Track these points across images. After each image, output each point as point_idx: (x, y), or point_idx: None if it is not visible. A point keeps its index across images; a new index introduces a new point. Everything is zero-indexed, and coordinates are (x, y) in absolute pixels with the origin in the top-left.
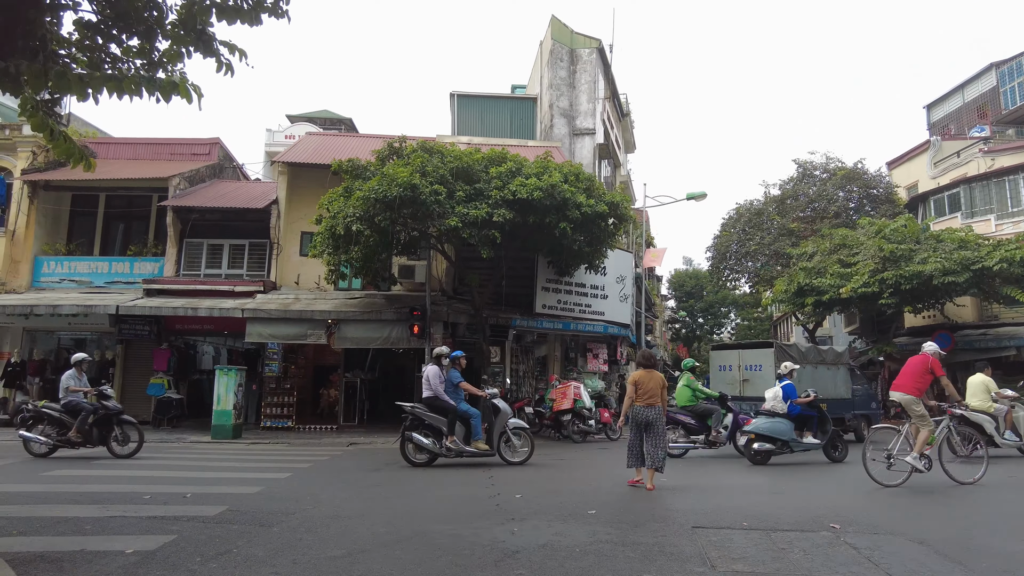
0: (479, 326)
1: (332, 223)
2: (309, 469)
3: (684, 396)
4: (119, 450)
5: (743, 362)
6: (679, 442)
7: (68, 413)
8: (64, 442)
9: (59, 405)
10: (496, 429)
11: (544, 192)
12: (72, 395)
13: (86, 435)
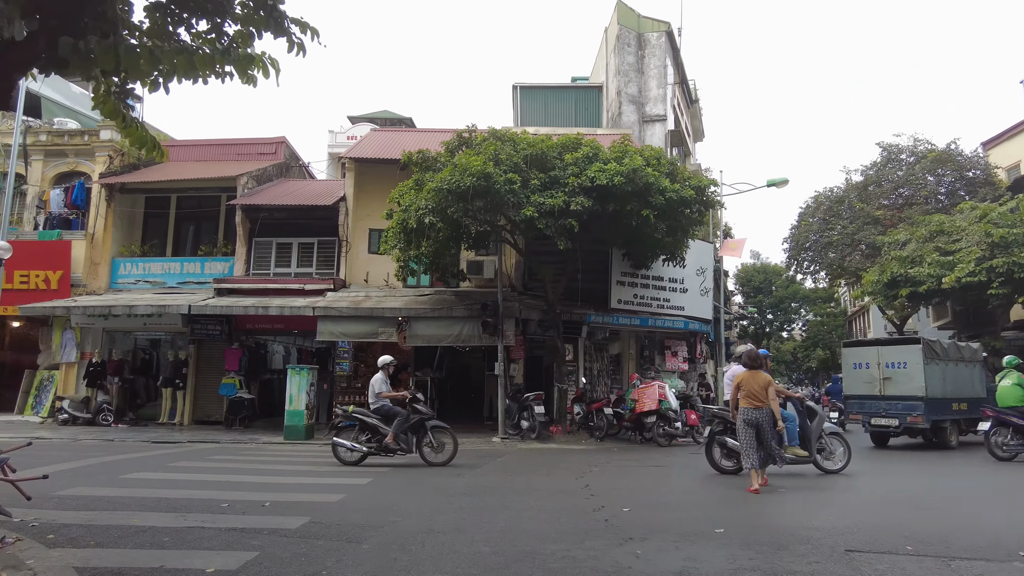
0: (552, 322)
1: (403, 216)
2: (389, 474)
3: (1015, 396)
4: (432, 457)
5: (883, 359)
6: (1010, 444)
7: (382, 419)
8: (379, 449)
9: (370, 410)
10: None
11: (625, 177)
12: (382, 400)
13: (402, 442)
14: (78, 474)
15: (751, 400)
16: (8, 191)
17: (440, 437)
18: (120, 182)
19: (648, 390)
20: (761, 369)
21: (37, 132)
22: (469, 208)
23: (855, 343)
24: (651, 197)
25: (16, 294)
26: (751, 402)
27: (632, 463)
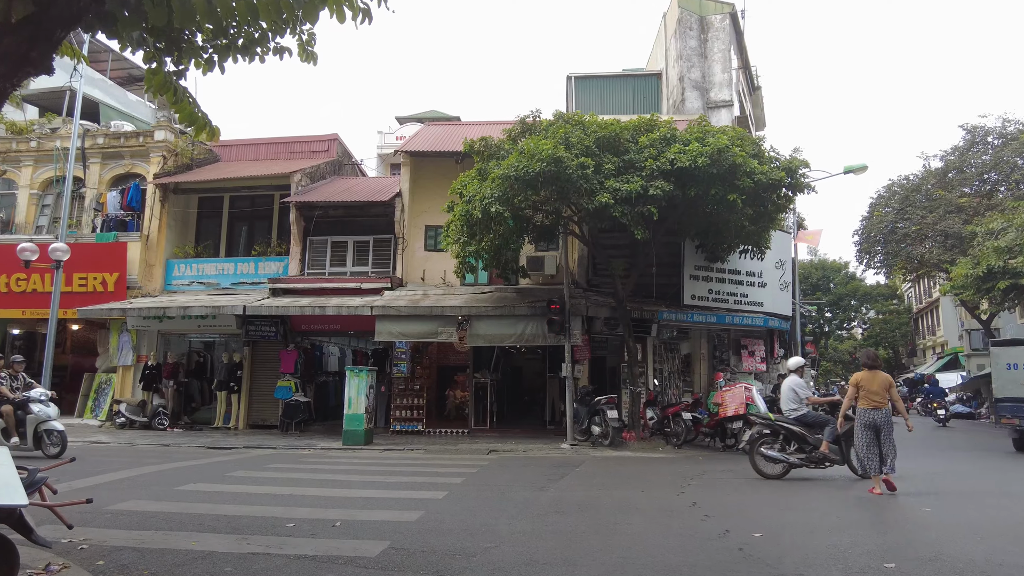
0: (622, 320)
1: (467, 208)
2: (464, 485)
3: None
4: None
5: None
6: None
7: (808, 427)
8: (810, 460)
9: (792, 418)
10: None
11: (710, 158)
12: (805, 407)
13: (835, 452)
14: (133, 484)
15: (871, 400)
16: (66, 194)
17: None
18: (174, 182)
19: (733, 393)
20: (879, 369)
21: (95, 135)
22: (538, 196)
23: (1007, 342)
24: (737, 180)
25: (75, 296)
26: (871, 402)
27: (727, 474)
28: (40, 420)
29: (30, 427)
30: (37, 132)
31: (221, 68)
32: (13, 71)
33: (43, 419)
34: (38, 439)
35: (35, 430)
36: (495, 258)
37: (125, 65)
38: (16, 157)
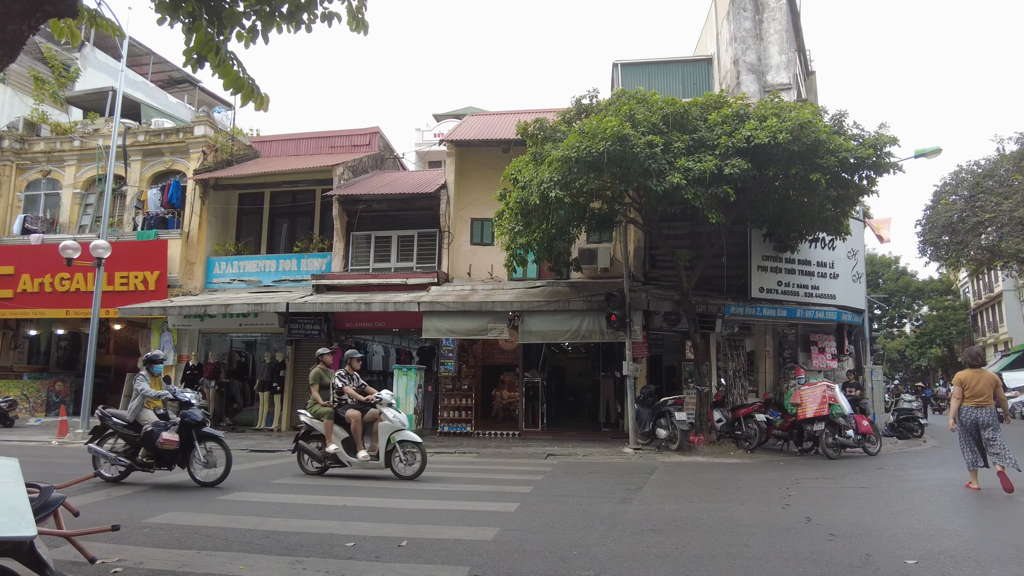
0: (687, 314)
1: (523, 194)
2: (535, 495)
3: None
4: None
5: None
6: None
7: None
8: None
9: None
10: (380, 439)
11: (792, 134)
12: None
13: None
14: (173, 493)
15: (976, 399)
16: (107, 191)
17: None
18: (214, 178)
19: (813, 392)
20: (984, 367)
21: (135, 133)
22: (599, 181)
23: None
24: (820, 158)
25: (116, 296)
26: (976, 401)
27: (823, 482)
28: (395, 429)
29: (382, 437)
30: (80, 131)
31: (265, 38)
32: (31, 10)
33: (398, 427)
34: (389, 454)
35: (387, 441)
36: (547, 250)
37: (166, 68)
38: (60, 157)
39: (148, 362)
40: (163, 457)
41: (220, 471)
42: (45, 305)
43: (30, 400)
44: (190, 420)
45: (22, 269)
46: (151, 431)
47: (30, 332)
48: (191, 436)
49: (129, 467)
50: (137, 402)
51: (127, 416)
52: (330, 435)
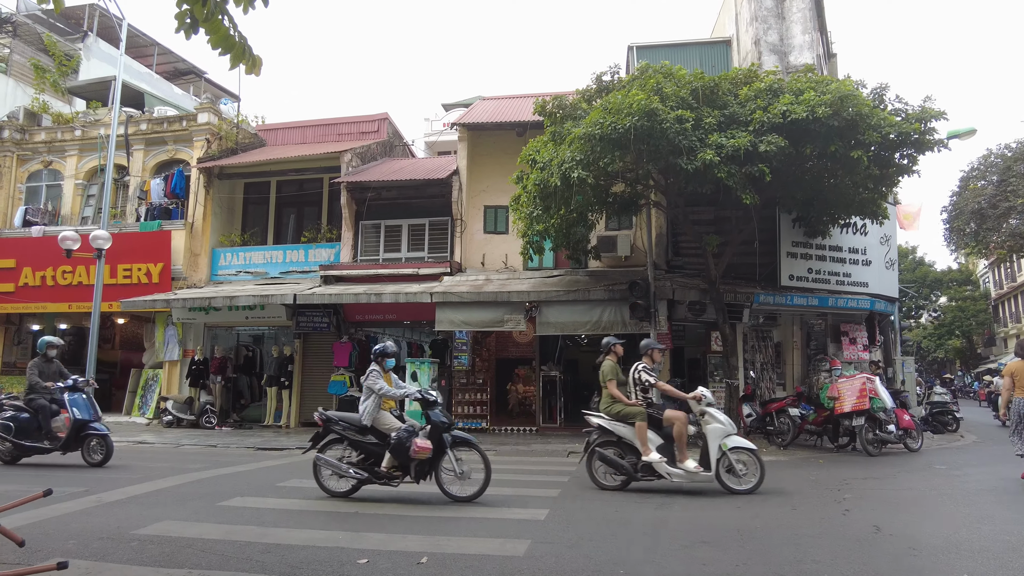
0: (715, 303)
1: (542, 176)
2: (563, 499)
3: None
4: None
5: None
6: None
7: None
8: None
9: None
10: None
11: (831, 107)
12: None
13: None
14: (170, 497)
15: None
16: (107, 179)
17: None
18: (218, 166)
19: (851, 384)
20: None
21: (138, 121)
22: (624, 161)
23: None
24: (861, 134)
25: (119, 289)
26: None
27: (874, 482)
28: (726, 433)
29: (712, 444)
30: (81, 121)
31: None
32: None
33: (729, 432)
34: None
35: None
36: (565, 237)
37: (171, 59)
38: (61, 147)
39: (379, 355)
40: (410, 467)
41: (477, 484)
42: (47, 299)
43: None
44: (438, 423)
45: (23, 262)
46: (401, 437)
47: (32, 327)
48: (441, 441)
49: (363, 480)
50: (373, 402)
51: (360, 419)
52: (646, 441)
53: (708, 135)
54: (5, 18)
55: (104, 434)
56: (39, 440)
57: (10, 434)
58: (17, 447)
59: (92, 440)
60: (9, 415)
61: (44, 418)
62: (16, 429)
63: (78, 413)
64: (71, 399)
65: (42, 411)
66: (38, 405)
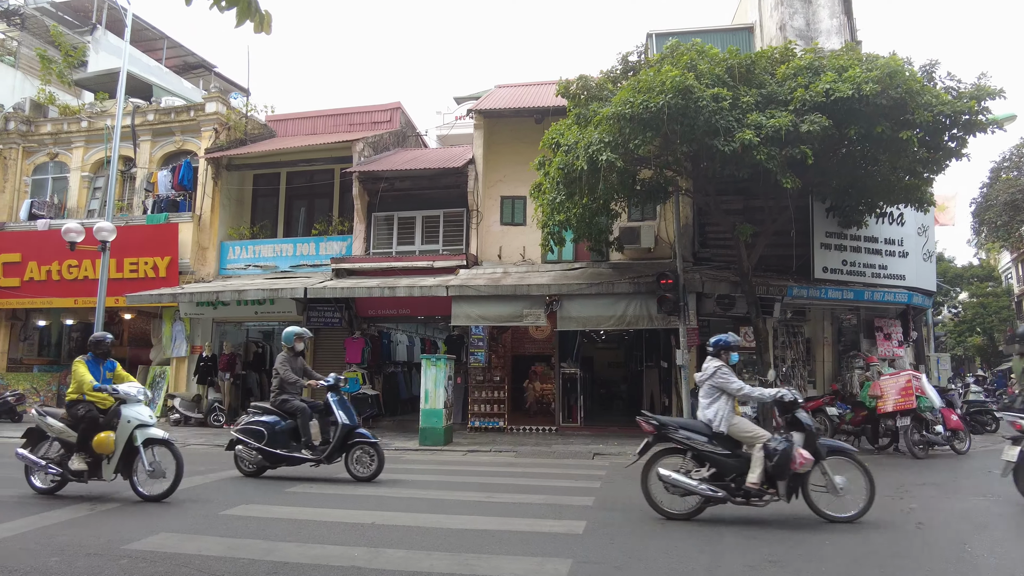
0: (748, 296)
1: (567, 159)
2: (600, 510)
3: None
4: None
5: None
6: None
7: None
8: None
9: None
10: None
11: (880, 84)
12: None
13: None
14: (170, 504)
15: None
16: (112, 170)
17: None
18: (227, 156)
19: (896, 382)
20: None
21: (145, 112)
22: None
23: None
24: (911, 113)
25: (125, 283)
26: None
27: (935, 489)
28: None
29: None
30: (88, 112)
31: None
32: None
33: None
34: None
35: None
36: (587, 227)
37: (181, 52)
38: (67, 139)
39: (723, 348)
40: (779, 482)
41: (861, 503)
42: (53, 294)
43: (40, 394)
44: (809, 428)
45: (29, 256)
46: (784, 448)
47: (39, 322)
48: (816, 450)
49: (717, 499)
50: (727, 405)
51: (713, 425)
52: None
53: (746, 115)
54: (13, 10)
55: (374, 442)
56: (294, 448)
57: (262, 441)
58: (269, 456)
59: (358, 449)
60: (261, 418)
61: (303, 422)
62: (269, 436)
63: (344, 417)
64: (335, 400)
65: (300, 414)
66: (293, 407)
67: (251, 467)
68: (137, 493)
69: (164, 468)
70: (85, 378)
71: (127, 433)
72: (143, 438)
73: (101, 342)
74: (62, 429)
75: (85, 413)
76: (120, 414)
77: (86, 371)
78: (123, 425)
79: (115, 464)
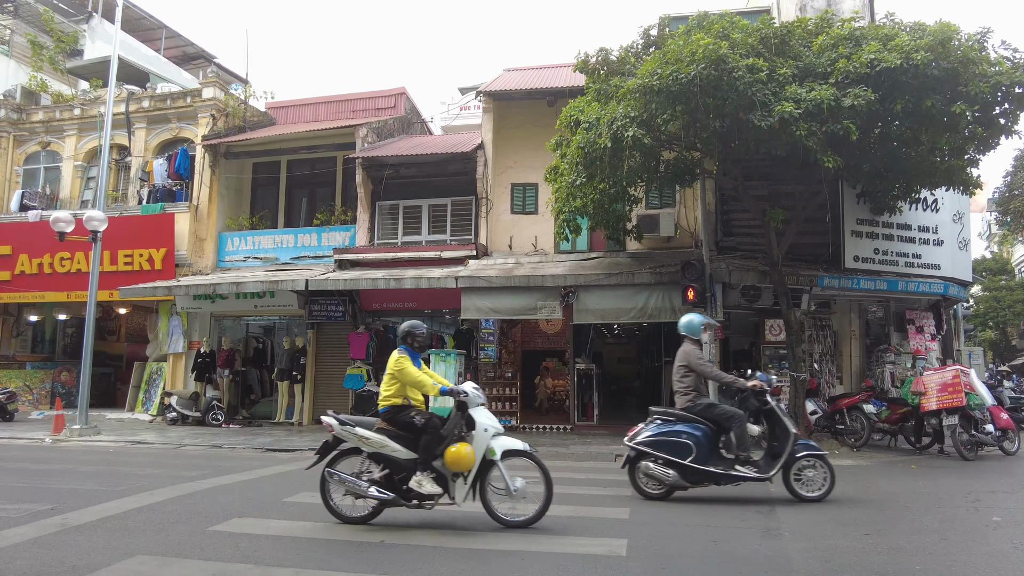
0: (777, 287)
1: (588, 137)
2: (638, 525)
3: None
4: None
5: None
6: None
7: None
8: None
9: None
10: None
11: (932, 52)
12: None
13: None
14: (154, 517)
15: None
16: (103, 156)
17: None
18: (224, 143)
19: (941, 378)
20: None
21: (139, 98)
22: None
23: None
24: (964, 85)
25: (120, 276)
26: None
27: (1006, 497)
28: None
29: None
30: (81, 99)
31: None
32: None
33: None
34: None
35: None
36: (605, 215)
37: (180, 43)
38: (60, 127)
39: None
40: None
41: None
42: (45, 288)
43: (33, 392)
44: None
45: (20, 249)
46: None
47: (31, 318)
48: None
49: None
50: None
51: None
52: None
53: (783, 88)
54: None
55: (822, 454)
56: (726, 464)
57: (688, 456)
58: (692, 474)
59: (803, 463)
60: (679, 427)
61: (739, 432)
62: (698, 450)
63: (791, 425)
64: (776, 404)
65: (735, 421)
66: (724, 413)
67: (659, 489)
68: (496, 518)
69: (525, 486)
70: (423, 379)
71: (484, 444)
72: (501, 449)
73: (417, 333)
74: (383, 442)
75: (426, 422)
76: (475, 422)
77: (418, 370)
78: (479, 435)
79: (470, 483)
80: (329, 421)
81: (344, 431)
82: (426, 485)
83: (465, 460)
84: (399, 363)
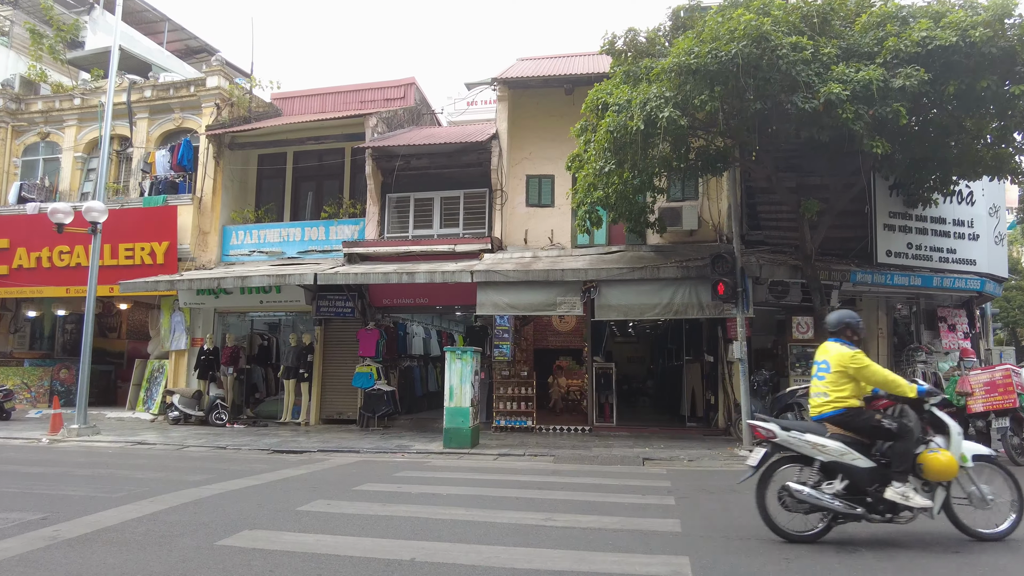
0: (810, 282)
1: (618, 120)
2: (692, 538)
3: None
4: None
5: None
6: None
7: None
8: None
9: None
10: None
11: (992, 29)
12: None
13: None
14: (154, 528)
15: None
16: (103, 146)
17: None
18: (229, 133)
19: (989, 378)
20: None
21: (142, 88)
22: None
23: None
24: (1022, 64)
25: (121, 271)
26: None
27: None
28: None
29: None
30: (81, 89)
31: None
32: None
33: None
34: None
35: None
36: (627, 206)
37: (183, 36)
38: (59, 117)
39: None
40: None
41: None
42: (43, 282)
43: (31, 389)
44: None
45: (18, 242)
46: None
47: (29, 313)
48: None
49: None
50: None
51: None
52: None
53: (828, 68)
54: None
55: None
56: None
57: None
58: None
59: None
60: None
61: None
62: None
63: None
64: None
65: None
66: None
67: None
68: (967, 531)
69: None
70: (896, 378)
71: (959, 449)
72: (971, 454)
73: (857, 325)
74: (842, 450)
75: (899, 426)
76: (947, 425)
77: (884, 369)
78: (955, 439)
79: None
80: (770, 427)
81: (790, 438)
82: (915, 497)
83: (953, 469)
84: (857, 359)
